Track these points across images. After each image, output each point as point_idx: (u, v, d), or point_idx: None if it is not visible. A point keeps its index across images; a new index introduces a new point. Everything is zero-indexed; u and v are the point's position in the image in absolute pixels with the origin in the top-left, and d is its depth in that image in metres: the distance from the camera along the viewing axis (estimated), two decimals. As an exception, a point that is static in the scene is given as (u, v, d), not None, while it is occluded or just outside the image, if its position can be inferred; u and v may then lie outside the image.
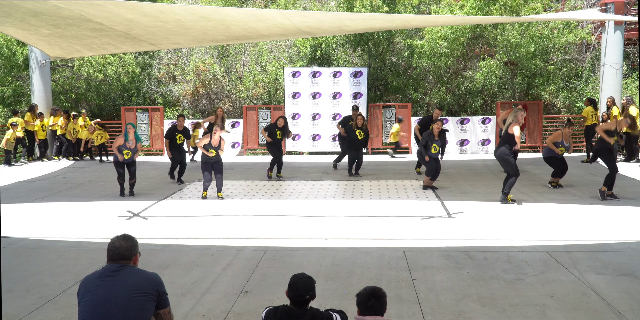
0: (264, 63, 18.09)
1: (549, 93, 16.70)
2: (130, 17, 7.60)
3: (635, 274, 5.11)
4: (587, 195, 8.76)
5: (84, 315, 2.86)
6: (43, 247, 6.26)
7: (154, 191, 9.57)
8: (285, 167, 12.46)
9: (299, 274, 3.05)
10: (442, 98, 17.15)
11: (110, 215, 7.77)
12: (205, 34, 8.90)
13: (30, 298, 4.71)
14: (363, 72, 14.82)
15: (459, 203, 8.28)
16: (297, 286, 2.94)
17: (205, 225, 7.18)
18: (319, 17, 9.07)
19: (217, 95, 17.90)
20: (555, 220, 7.17)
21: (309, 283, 2.97)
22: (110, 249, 3.01)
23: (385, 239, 6.43)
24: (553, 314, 4.26)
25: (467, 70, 17.32)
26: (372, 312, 2.86)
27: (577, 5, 17.77)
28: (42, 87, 14.80)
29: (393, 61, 17.19)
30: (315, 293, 3.00)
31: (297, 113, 14.91)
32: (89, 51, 10.30)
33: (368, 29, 11.32)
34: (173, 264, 5.57)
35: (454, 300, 4.56)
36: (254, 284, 4.98)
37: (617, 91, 13.81)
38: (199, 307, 4.48)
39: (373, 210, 7.89)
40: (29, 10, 7.13)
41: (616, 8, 13.11)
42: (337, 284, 4.93)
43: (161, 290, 3.02)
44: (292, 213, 7.81)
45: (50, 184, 10.50)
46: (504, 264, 5.44)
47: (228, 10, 8.86)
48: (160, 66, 18.56)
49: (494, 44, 16.26)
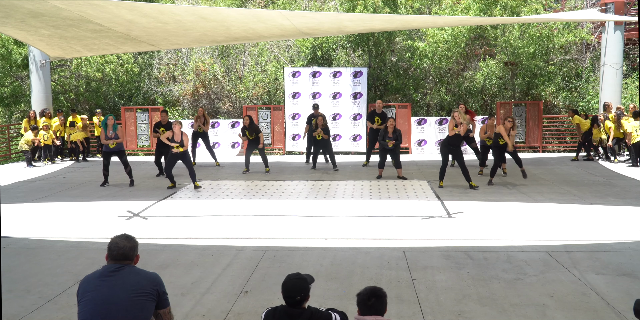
0: (264, 63, 18.09)
1: (549, 93, 16.70)
2: (130, 18, 7.60)
3: (635, 274, 5.11)
4: (587, 195, 8.76)
5: (84, 315, 2.86)
6: (43, 247, 6.26)
7: (154, 191, 9.57)
8: (285, 167, 12.47)
9: (292, 275, 3.01)
10: (442, 98, 17.15)
11: (110, 215, 7.77)
12: (205, 34, 8.90)
13: (30, 298, 4.71)
14: (363, 72, 14.83)
15: (459, 203, 8.28)
16: (287, 287, 2.92)
17: (205, 225, 7.18)
18: (319, 17, 9.08)
19: (217, 95, 17.91)
20: (555, 220, 7.17)
21: (299, 284, 2.92)
22: (114, 248, 3.00)
23: (385, 239, 6.43)
24: (553, 314, 4.26)
25: (467, 70, 17.33)
26: (372, 312, 2.86)
27: (577, 5, 17.77)
28: (41, 87, 14.78)
29: (393, 61, 17.19)
30: (309, 294, 2.94)
31: (297, 113, 14.91)
32: (88, 51, 10.30)
33: (368, 29, 11.33)
34: (173, 264, 5.57)
35: (454, 300, 4.56)
36: (254, 284, 4.98)
37: (617, 91, 13.81)
38: (199, 307, 4.49)
39: (373, 210, 7.89)
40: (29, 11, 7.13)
41: (616, 8, 13.11)
42: (337, 284, 4.93)
43: (161, 290, 3.02)
44: (292, 213, 7.81)
45: (50, 184, 10.50)
46: (504, 264, 5.44)
47: (228, 11, 8.87)
48: (160, 66, 18.57)
49: (494, 44, 16.27)
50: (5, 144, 15.88)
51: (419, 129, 14.82)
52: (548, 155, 14.42)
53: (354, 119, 14.73)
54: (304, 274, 3.04)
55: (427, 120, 14.95)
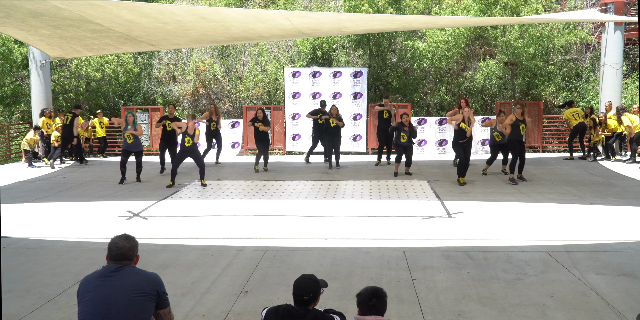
0: (264, 63, 18.09)
1: (549, 93, 16.70)
2: (130, 18, 7.60)
3: (635, 274, 5.11)
4: (587, 195, 8.76)
5: (83, 315, 2.86)
6: (43, 247, 6.26)
7: (154, 191, 9.57)
8: (285, 167, 12.48)
9: (306, 274, 3.04)
10: (442, 98, 17.15)
11: (110, 215, 7.77)
12: (205, 35, 8.91)
13: (30, 298, 4.71)
14: (363, 72, 14.83)
15: (459, 203, 8.28)
16: (298, 285, 2.94)
17: (205, 225, 7.18)
18: (319, 18, 9.08)
19: (217, 95, 17.91)
20: (555, 220, 7.17)
21: (311, 284, 2.94)
22: (113, 248, 3.01)
23: (385, 239, 6.43)
24: (553, 314, 4.26)
25: (467, 70, 17.32)
26: (373, 312, 2.86)
27: (577, 5, 17.77)
28: (41, 87, 14.77)
29: (394, 61, 17.19)
30: (318, 297, 2.95)
31: (297, 113, 14.91)
32: (89, 51, 10.31)
33: (368, 30, 11.34)
34: (173, 264, 5.57)
35: (454, 300, 4.56)
36: (254, 284, 4.98)
37: (617, 91, 13.81)
38: (199, 307, 4.49)
39: (373, 210, 7.89)
40: (29, 11, 7.13)
41: (616, 8, 13.10)
42: (337, 284, 4.93)
43: (161, 290, 3.02)
44: (292, 213, 7.81)
45: (50, 184, 10.50)
46: (504, 264, 5.44)
47: (228, 11, 8.86)
48: (160, 66, 18.57)
49: (494, 44, 16.27)
50: (5, 144, 15.87)
51: (419, 129, 14.80)
52: (548, 155, 14.43)
53: (354, 119, 14.74)
54: (319, 279, 3.05)
55: (427, 120, 14.95)
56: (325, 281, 3.08)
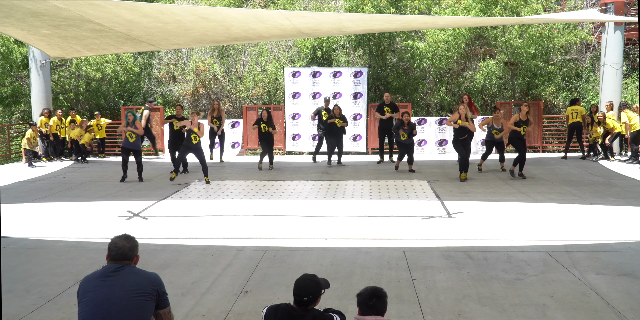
0: (264, 63, 18.09)
1: (549, 93, 16.70)
2: (130, 18, 7.60)
3: (635, 274, 5.11)
4: (587, 195, 8.76)
5: (84, 315, 2.86)
6: (43, 247, 6.26)
7: (154, 191, 9.57)
8: (285, 167, 12.48)
9: (308, 274, 3.02)
10: (442, 98, 17.15)
11: (110, 215, 7.77)
12: (205, 35, 8.90)
13: (30, 298, 4.71)
14: (363, 72, 14.82)
15: (459, 203, 8.28)
16: (299, 285, 2.93)
17: (205, 225, 7.18)
18: (319, 18, 9.08)
19: (217, 95, 17.90)
20: (555, 220, 7.17)
21: (311, 285, 2.92)
22: (113, 248, 3.01)
23: (385, 239, 6.43)
24: (553, 314, 4.26)
25: (467, 70, 17.32)
26: (373, 311, 2.86)
27: (577, 5, 17.76)
28: (41, 87, 14.76)
29: (394, 61, 17.19)
30: (318, 298, 2.94)
31: (297, 113, 14.91)
32: (89, 51, 10.31)
33: (368, 30, 11.34)
34: (173, 264, 5.57)
35: (454, 300, 4.56)
36: (254, 284, 4.98)
37: (617, 91, 13.81)
38: (199, 307, 4.48)
39: (373, 210, 7.89)
40: (29, 11, 7.13)
41: (616, 8, 13.10)
42: (337, 284, 4.93)
43: (161, 290, 3.02)
44: (292, 213, 7.81)
45: (50, 184, 10.50)
46: (504, 264, 5.44)
47: (228, 11, 8.87)
48: (160, 66, 18.56)
49: (494, 44, 16.26)
50: (5, 144, 15.87)
51: (419, 129, 14.79)
52: (548, 155, 14.43)
53: (354, 119, 14.73)
54: (321, 278, 3.03)
55: (427, 120, 14.94)
56: (327, 281, 3.07)
